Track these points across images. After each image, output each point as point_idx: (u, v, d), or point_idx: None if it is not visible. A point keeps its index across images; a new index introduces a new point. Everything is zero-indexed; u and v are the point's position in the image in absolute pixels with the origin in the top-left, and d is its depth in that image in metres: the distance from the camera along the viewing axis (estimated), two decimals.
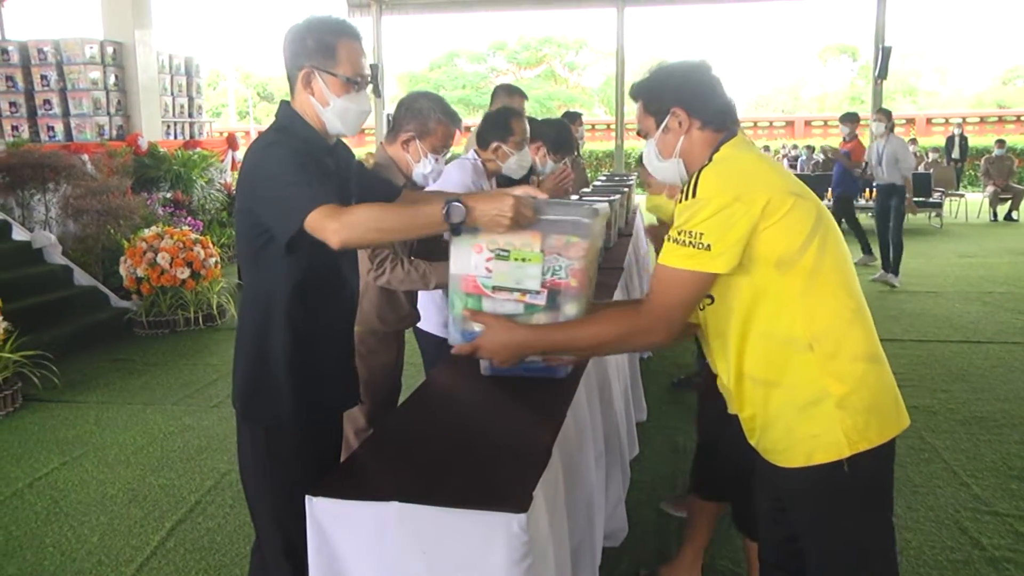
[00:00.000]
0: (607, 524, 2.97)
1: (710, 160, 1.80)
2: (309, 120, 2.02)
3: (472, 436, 2.19)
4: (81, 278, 7.32)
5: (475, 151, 3.50)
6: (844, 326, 1.76)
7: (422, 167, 2.75)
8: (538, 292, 1.82)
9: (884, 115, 8.93)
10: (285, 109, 2.05)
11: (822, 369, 1.73)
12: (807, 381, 1.74)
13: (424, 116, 2.74)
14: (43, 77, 9.18)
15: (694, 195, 1.71)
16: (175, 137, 10.39)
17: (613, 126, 14.15)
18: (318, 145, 2.02)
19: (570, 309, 1.81)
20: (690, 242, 1.69)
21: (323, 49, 1.97)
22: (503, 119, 3.44)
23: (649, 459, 4.00)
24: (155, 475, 4.08)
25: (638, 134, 2.00)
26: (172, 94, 10.39)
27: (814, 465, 1.76)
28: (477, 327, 1.87)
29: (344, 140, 2.18)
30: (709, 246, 1.68)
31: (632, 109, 2.05)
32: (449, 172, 3.39)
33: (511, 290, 1.82)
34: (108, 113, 9.33)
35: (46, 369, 5.28)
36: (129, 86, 9.64)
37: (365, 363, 2.74)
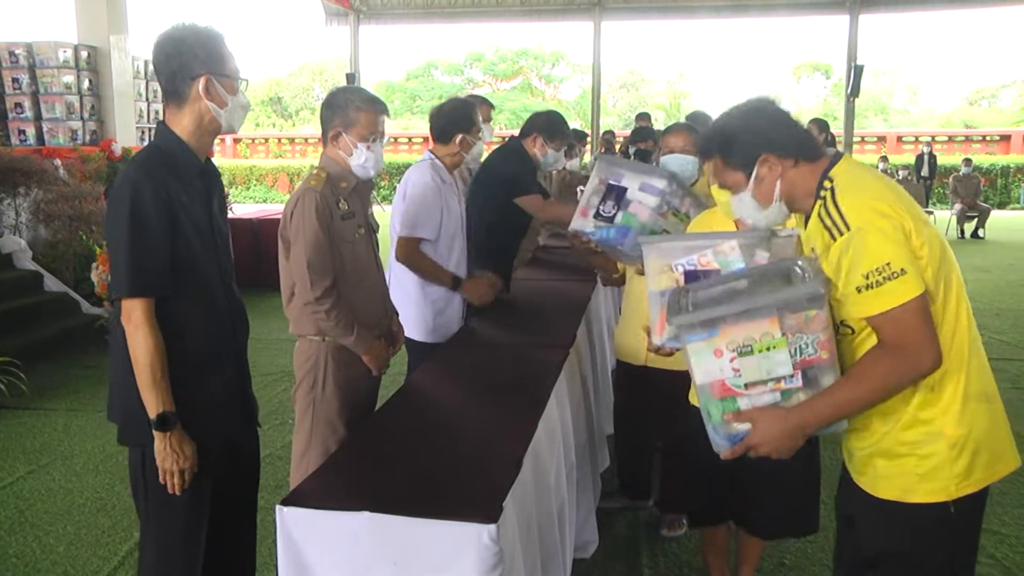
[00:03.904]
0: (577, 536, 2.99)
1: (825, 187, 1.75)
2: (187, 138, 2.14)
3: (443, 446, 2.20)
4: (51, 284, 7.22)
5: (430, 151, 3.55)
6: (963, 365, 1.72)
7: (356, 158, 2.74)
8: (792, 375, 1.72)
9: (817, 126, 7.78)
10: (164, 131, 2.16)
11: (938, 409, 1.71)
12: (921, 420, 1.72)
13: (343, 107, 2.74)
14: (15, 80, 9.05)
15: (847, 227, 1.65)
16: (149, 142, 10.31)
17: (589, 139, 14.23)
18: (190, 165, 2.15)
19: (827, 380, 1.72)
20: (885, 278, 1.61)
21: (214, 55, 2.11)
22: (465, 111, 3.50)
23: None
24: (124, 484, 4.02)
25: (721, 186, 1.92)
26: (147, 99, 10.29)
27: (911, 503, 1.74)
28: (742, 427, 1.77)
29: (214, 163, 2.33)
30: (903, 270, 1.61)
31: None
32: (411, 176, 3.45)
33: (764, 382, 1.73)
34: (81, 118, 9.23)
35: (13, 376, 5.20)
36: (103, 91, 9.53)
37: (343, 373, 2.74)
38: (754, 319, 1.71)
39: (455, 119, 3.47)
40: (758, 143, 1.80)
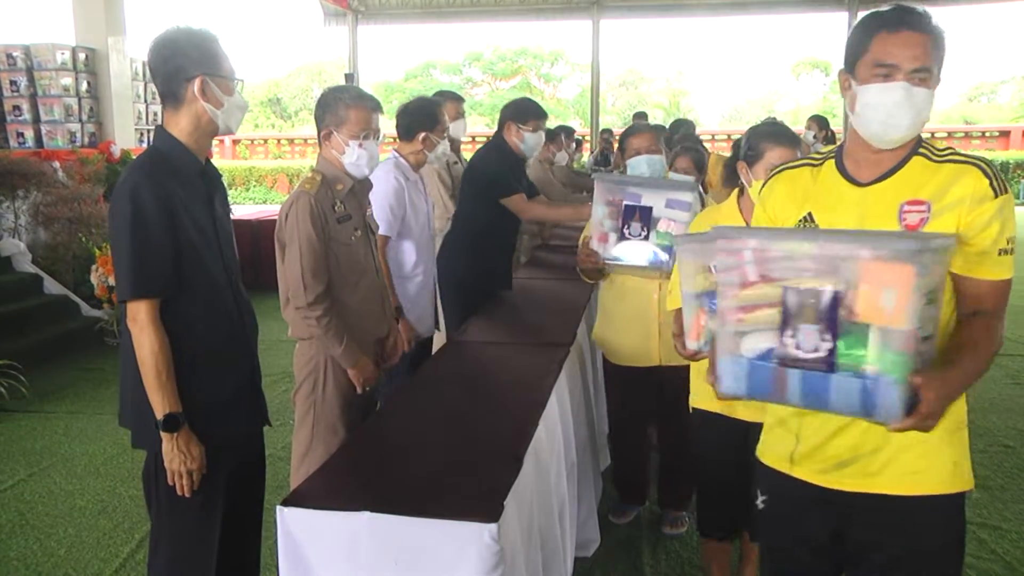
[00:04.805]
0: (579, 534, 2.99)
1: (928, 149, 1.66)
2: (185, 140, 2.14)
3: (443, 446, 2.20)
4: (51, 287, 7.22)
5: (395, 150, 3.56)
6: None
7: (348, 157, 2.71)
8: (933, 335, 1.48)
9: (816, 123, 7.61)
10: (162, 134, 2.16)
11: (967, 394, 1.68)
12: (959, 404, 1.67)
13: (333, 106, 2.72)
14: (12, 83, 9.05)
15: (1005, 189, 1.59)
16: (148, 145, 10.29)
17: (588, 138, 14.23)
18: (190, 166, 2.16)
19: (926, 346, 1.48)
20: (1014, 248, 1.61)
21: (209, 56, 2.10)
22: (429, 110, 3.52)
23: None
24: (125, 486, 4.04)
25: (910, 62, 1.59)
26: (146, 101, 10.28)
27: (946, 494, 1.67)
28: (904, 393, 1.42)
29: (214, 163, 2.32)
30: (1014, 248, 1.62)
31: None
32: (375, 173, 3.44)
33: (925, 339, 1.42)
34: (80, 120, 9.22)
35: (14, 379, 5.20)
36: (102, 93, 9.53)
37: (344, 376, 2.74)
38: (939, 263, 1.45)
39: (419, 117, 3.49)
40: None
